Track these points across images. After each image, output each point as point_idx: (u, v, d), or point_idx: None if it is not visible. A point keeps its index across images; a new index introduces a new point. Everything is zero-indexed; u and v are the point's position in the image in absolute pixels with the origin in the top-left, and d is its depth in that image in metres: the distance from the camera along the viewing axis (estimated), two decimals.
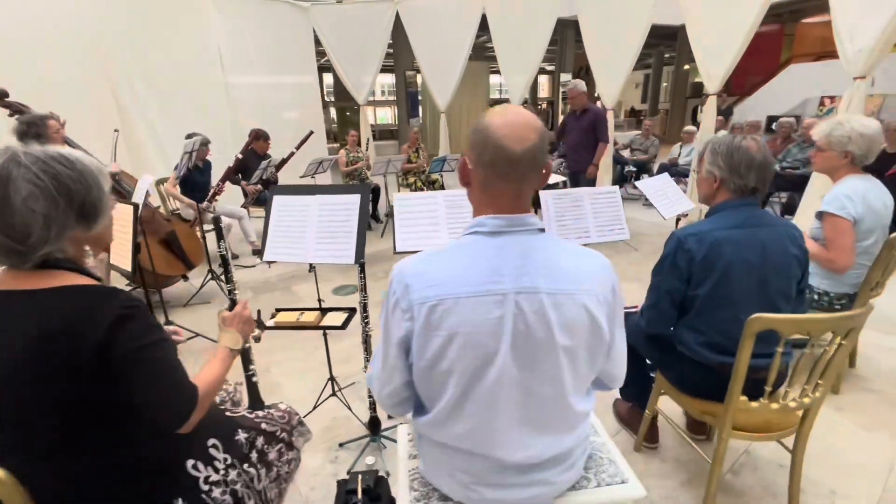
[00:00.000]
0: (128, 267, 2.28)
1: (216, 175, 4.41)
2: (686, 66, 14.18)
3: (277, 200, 1.93)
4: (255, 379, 1.40)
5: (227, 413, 1.24)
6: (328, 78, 13.63)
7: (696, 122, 11.98)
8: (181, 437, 1.03)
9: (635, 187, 6.44)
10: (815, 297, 2.14)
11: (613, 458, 1.13)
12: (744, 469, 1.78)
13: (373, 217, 5.73)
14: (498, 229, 0.85)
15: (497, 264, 0.82)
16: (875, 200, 1.96)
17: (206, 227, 4.25)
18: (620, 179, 6.48)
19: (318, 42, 6.39)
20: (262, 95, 6.08)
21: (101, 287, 0.94)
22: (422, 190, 5.85)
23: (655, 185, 2.67)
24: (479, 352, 0.82)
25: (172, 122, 4.95)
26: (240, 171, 4.56)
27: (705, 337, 1.42)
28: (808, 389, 1.35)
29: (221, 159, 4.49)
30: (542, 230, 0.88)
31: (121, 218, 2.28)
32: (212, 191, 4.24)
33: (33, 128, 2.81)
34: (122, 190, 3.06)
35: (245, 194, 4.78)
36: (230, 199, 4.64)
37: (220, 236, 1.53)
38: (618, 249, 4.20)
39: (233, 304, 1.28)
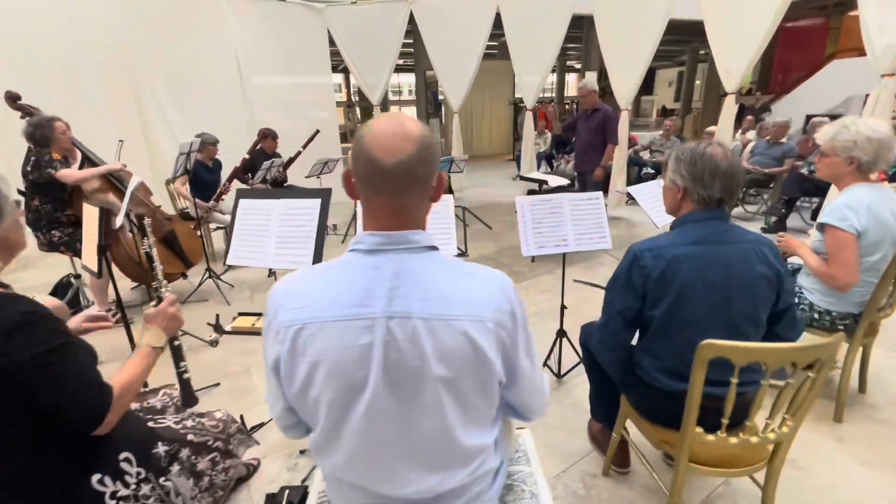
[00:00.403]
0: (94, 267, 2.29)
1: (226, 174, 4.52)
2: None
3: (243, 204, 1.92)
4: (186, 376, 1.40)
5: (151, 424, 1.23)
6: (352, 78, 13.77)
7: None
8: (86, 450, 1.02)
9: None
10: (816, 315, 1.96)
11: (537, 492, 1.05)
12: (719, 501, 1.64)
13: None
14: (375, 247, 0.78)
15: (369, 286, 0.76)
16: (883, 211, 1.77)
17: (212, 225, 4.36)
18: (637, 182, 6.24)
19: (332, 42, 6.44)
20: (277, 96, 6.18)
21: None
22: None
23: (648, 191, 2.52)
24: (345, 381, 0.76)
25: (190, 122, 5.08)
26: (248, 170, 4.63)
27: (662, 362, 1.31)
28: (773, 424, 1.22)
29: (236, 159, 4.58)
30: (432, 248, 0.81)
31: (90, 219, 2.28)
32: (218, 190, 4.35)
33: (40, 129, 2.93)
34: (121, 188, 3.15)
35: None
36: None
37: (143, 234, 1.54)
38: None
39: (159, 301, 1.27)
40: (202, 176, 4.28)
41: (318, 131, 5.11)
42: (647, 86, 23.11)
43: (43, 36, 4.22)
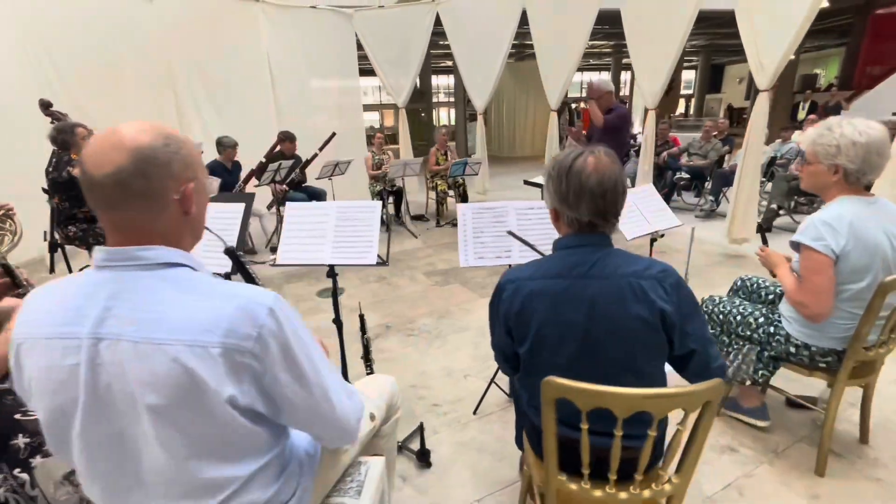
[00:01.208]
0: None
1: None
2: (792, 57, 12.25)
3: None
4: None
5: (17, 416, 1.28)
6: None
7: (797, 121, 10.32)
8: None
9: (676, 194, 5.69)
10: (792, 349, 1.68)
11: None
12: None
13: (396, 218, 5.78)
14: (101, 263, 0.75)
15: (82, 304, 0.72)
16: (871, 230, 1.48)
17: None
18: (671, 188, 5.79)
19: (359, 46, 6.56)
20: (306, 99, 6.40)
21: None
22: (446, 193, 5.76)
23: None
24: (54, 404, 0.73)
25: (226, 124, 5.37)
26: (264, 172, 4.83)
27: (533, 399, 1.16)
28: (665, 475, 1.04)
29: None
30: (174, 265, 0.76)
31: None
32: (234, 190, 4.57)
33: (62, 134, 3.24)
34: None
35: (273, 194, 5.05)
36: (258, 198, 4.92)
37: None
38: None
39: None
40: (221, 177, 4.52)
41: (334, 134, 5.21)
42: (715, 83, 21.46)
43: (89, 43, 4.64)
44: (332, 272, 1.76)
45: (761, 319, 1.80)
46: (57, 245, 3.40)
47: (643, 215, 2.31)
